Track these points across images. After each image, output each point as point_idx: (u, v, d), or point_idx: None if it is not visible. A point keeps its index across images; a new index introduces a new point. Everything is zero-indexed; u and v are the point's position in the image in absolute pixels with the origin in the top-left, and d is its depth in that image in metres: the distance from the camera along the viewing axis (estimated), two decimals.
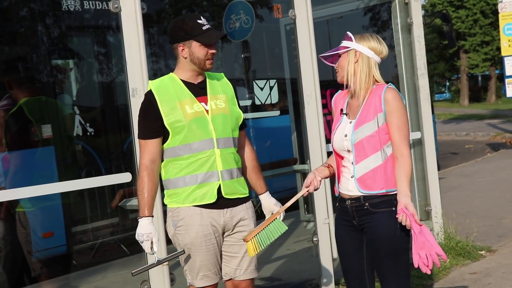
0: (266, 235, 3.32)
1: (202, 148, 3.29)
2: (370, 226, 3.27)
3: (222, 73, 3.56)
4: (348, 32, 3.37)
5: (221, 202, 3.34)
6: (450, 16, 12.55)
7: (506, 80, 13.43)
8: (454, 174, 11.69)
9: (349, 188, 3.33)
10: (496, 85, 39.15)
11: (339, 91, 3.50)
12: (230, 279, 3.44)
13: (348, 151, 3.30)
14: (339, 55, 3.35)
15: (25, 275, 5.70)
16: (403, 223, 3.16)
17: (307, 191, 3.42)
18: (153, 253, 3.23)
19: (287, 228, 3.41)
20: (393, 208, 3.24)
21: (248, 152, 3.56)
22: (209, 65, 3.36)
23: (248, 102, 7.80)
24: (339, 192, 3.42)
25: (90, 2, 6.70)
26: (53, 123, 6.09)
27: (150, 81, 3.43)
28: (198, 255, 3.33)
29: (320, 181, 3.44)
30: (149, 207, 3.27)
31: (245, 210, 3.42)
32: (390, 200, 3.25)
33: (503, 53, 13.20)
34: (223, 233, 3.39)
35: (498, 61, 37.23)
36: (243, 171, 3.52)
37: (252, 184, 3.57)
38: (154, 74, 7.26)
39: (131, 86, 4.03)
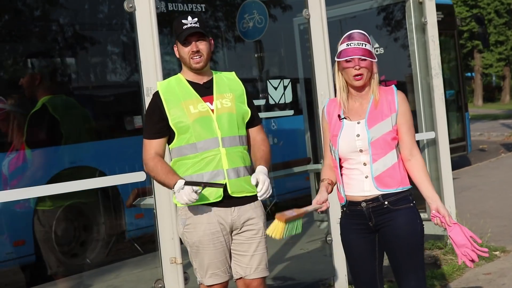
0: (292, 226, 3.12)
1: (207, 147, 3.31)
2: (392, 223, 3.22)
3: (233, 72, 3.56)
4: (366, 35, 3.25)
5: (228, 201, 3.34)
6: (484, 18, 12.86)
7: None
8: (468, 174, 11.62)
9: (365, 188, 3.24)
10: (510, 85, 38.87)
11: (328, 100, 3.47)
12: (241, 278, 3.44)
13: (361, 151, 3.22)
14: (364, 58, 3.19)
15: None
16: (440, 226, 3.19)
17: (320, 209, 3.28)
18: (196, 195, 3.17)
19: (300, 231, 3.35)
20: (411, 204, 3.25)
21: (259, 141, 3.50)
22: (195, 64, 3.36)
23: (261, 102, 7.80)
24: (349, 195, 3.30)
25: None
26: None
27: (158, 82, 3.49)
28: (206, 253, 3.34)
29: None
30: (171, 177, 3.25)
31: (254, 209, 3.42)
32: (406, 197, 3.25)
33: None
34: (231, 231, 3.40)
35: None
36: (250, 152, 3.48)
37: (254, 160, 3.46)
38: (168, 73, 7.27)
39: (146, 86, 4.05)
